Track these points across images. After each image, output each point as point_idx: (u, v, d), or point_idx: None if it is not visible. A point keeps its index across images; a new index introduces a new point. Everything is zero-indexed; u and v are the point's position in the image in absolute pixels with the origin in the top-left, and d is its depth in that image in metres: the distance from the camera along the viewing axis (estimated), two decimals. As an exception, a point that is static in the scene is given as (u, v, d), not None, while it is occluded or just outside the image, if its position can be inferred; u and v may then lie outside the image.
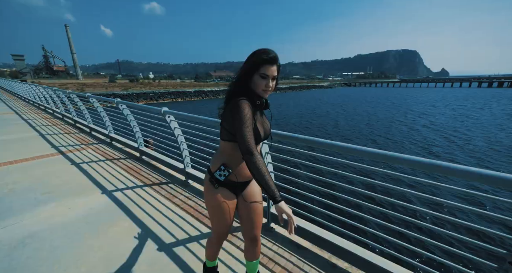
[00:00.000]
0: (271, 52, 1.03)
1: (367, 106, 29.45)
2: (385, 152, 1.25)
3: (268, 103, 1.14)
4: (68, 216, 2.15)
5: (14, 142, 4.47)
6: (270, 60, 1.03)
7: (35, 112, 8.03)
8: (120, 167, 3.35)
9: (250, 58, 1.05)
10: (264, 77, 1.04)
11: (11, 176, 2.98)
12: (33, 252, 1.71)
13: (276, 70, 1.06)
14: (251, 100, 1.05)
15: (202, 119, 2.23)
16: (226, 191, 1.14)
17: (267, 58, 1.02)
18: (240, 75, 1.07)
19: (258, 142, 1.09)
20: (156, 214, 2.21)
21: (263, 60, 1.02)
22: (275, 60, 1.04)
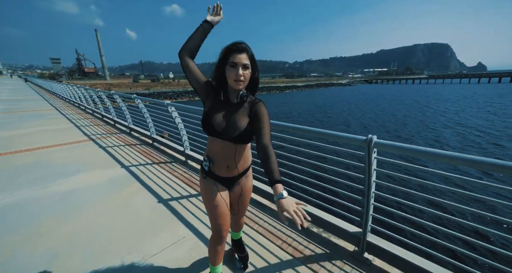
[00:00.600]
0: (240, 42, 1.05)
1: (384, 103, 28.51)
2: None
3: (243, 97, 1.10)
4: (98, 180, 2.92)
5: (58, 131, 5.51)
6: (237, 49, 1.03)
7: (70, 108, 9.34)
8: (135, 150, 4.13)
9: (221, 52, 1.06)
10: (233, 66, 1.03)
11: (60, 153, 3.89)
12: (77, 199, 2.47)
13: (245, 59, 1.04)
14: (217, 92, 1.11)
15: (199, 109, 2.87)
16: (213, 182, 1.19)
17: (234, 47, 1.03)
18: (214, 69, 1.10)
19: (213, 135, 1.11)
20: (159, 181, 2.91)
21: (230, 49, 1.03)
22: (243, 49, 1.04)
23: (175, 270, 1.58)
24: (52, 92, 16.72)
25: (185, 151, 3.54)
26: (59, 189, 2.69)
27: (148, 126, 4.47)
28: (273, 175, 0.90)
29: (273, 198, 0.87)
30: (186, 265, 1.61)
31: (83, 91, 8.94)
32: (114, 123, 6.45)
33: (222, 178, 1.19)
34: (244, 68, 1.04)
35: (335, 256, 1.68)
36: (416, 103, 28.00)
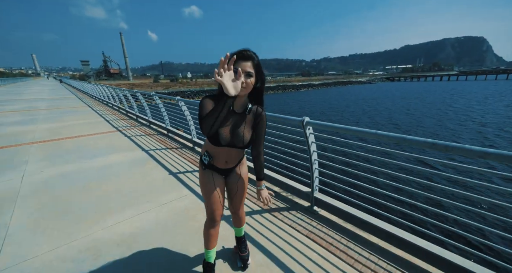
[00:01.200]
0: (246, 49, 1.06)
1: (398, 102, 27.60)
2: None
3: (250, 111, 1.16)
4: (124, 159, 3.72)
5: (91, 124, 6.55)
6: (243, 56, 1.05)
7: (99, 106, 10.62)
8: (153, 138, 4.94)
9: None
10: (237, 72, 1.00)
11: (94, 140, 4.81)
12: (110, 170, 3.27)
13: (250, 67, 1.06)
14: (220, 98, 1.00)
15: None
16: (212, 172, 1.30)
17: (240, 55, 1.04)
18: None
19: (218, 145, 1.16)
20: (171, 161, 3.64)
21: (234, 54, 1.01)
22: (249, 57, 1.06)
23: (178, 213, 2.25)
24: (83, 91, 18.63)
25: (193, 139, 4.26)
26: (97, 164, 3.52)
27: (164, 119, 5.27)
28: (260, 174, 1.39)
29: (256, 187, 1.42)
30: (185, 211, 2.28)
31: (111, 90, 10.13)
32: (136, 117, 7.41)
33: (220, 169, 1.32)
34: (248, 75, 1.06)
35: (294, 208, 2.26)
36: (438, 102, 26.77)
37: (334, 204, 2.07)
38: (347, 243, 1.82)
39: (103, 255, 1.72)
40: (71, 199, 2.51)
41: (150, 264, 1.63)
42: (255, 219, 2.12)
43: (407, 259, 1.62)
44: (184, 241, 1.86)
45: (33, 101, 12.58)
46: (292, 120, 2.06)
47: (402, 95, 36.40)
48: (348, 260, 1.65)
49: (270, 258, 1.66)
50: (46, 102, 12.11)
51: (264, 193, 1.39)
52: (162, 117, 5.33)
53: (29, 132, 5.51)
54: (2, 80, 33.04)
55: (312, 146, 2.02)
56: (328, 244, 1.81)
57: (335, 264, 1.62)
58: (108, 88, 10.53)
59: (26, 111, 8.80)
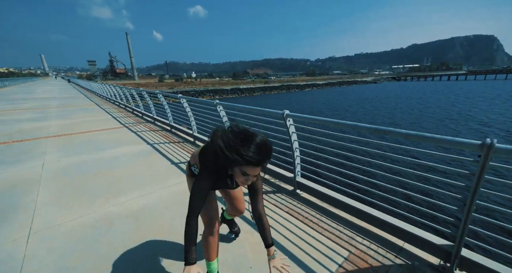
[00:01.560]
0: (263, 152, 0.93)
1: (402, 102, 27.54)
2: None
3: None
4: (131, 151, 4.09)
5: (100, 120, 6.99)
6: (257, 163, 0.94)
7: (107, 104, 11.11)
8: (157, 134, 5.32)
9: (237, 149, 0.90)
10: (245, 175, 0.97)
11: (103, 135, 5.21)
12: (119, 161, 3.64)
13: (259, 169, 0.99)
14: (222, 177, 1.07)
15: (206, 101, 3.86)
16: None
17: (255, 162, 0.93)
18: (221, 152, 0.92)
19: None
20: (173, 153, 4.00)
21: (249, 162, 0.92)
22: (264, 162, 0.96)
23: (178, 194, 2.60)
24: (91, 90, 19.27)
25: (194, 134, 4.61)
26: (106, 155, 3.90)
27: (168, 116, 5.65)
28: (268, 241, 1.18)
29: (267, 257, 1.18)
30: (184, 193, 2.63)
31: (118, 89, 10.60)
32: (142, 115, 7.83)
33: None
34: (255, 176, 1.02)
35: (279, 191, 2.60)
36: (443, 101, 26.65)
37: (313, 187, 2.39)
38: (320, 217, 2.14)
39: (116, 224, 2.08)
40: (86, 183, 2.89)
41: (155, 231, 1.98)
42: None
43: (366, 227, 1.95)
44: (183, 215, 2.21)
45: (45, 100, 13.17)
46: (274, 113, 2.36)
47: (407, 95, 36.26)
48: (319, 230, 1.97)
49: (254, 228, 1.99)
50: (57, 100, 12.68)
51: (277, 261, 1.16)
52: (166, 114, 5.70)
53: (43, 127, 5.96)
54: (13, 80, 34.18)
55: (293, 136, 2.30)
56: (304, 218, 2.14)
57: (308, 233, 1.94)
58: (115, 87, 11.01)
59: (39, 109, 9.32)
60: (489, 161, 1.24)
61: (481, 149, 1.23)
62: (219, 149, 0.92)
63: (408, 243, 1.72)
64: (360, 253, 1.70)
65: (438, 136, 1.36)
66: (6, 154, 3.93)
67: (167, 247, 1.80)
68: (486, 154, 1.23)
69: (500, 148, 1.20)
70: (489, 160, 1.23)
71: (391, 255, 1.67)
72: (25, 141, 4.76)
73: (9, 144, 4.51)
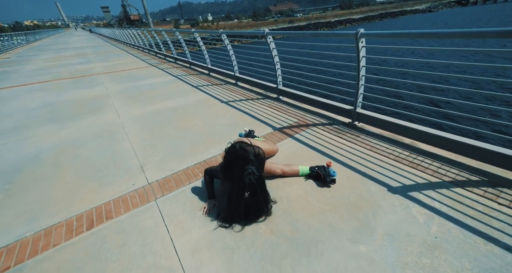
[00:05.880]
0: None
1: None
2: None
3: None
4: (162, 80, 5.37)
5: (131, 62, 8.25)
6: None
7: (132, 49, 12.19)
8: (173, 67, 6.45)
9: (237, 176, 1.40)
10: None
11: (137, 72, 6.52)
12: (153, 86, 4.98)
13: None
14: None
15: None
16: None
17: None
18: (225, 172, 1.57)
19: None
20: (219, 96, 5.18)
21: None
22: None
23: (197, 102, 3.89)
24: (114, 39, 20.17)
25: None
26: (145, 83, 5.22)
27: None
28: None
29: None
30: (201, 101, 3.90)
31: (139, 32, 11.36)
32: (164, 57, 8.86)
33: None
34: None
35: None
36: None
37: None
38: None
39: (162, 112, 3.48)
40: (137, 96, 4.30)
41: (187, 120, 3.33)
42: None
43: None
44: (200, 110, 3.52)
45: (79, 48, 14.65)
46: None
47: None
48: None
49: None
50: (90, 49, 14.07)
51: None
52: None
53: (92, 68, 7.45)
54: (43, 33, 35.94)
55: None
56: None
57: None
58: (137, 30, 11.77)
59: (80, 56, 10.84)
60: (359, 43, 2.08)
61: (356, 36, 2.07)
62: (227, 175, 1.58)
63: (329, 111, 2.81)
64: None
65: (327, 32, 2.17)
66: (79, 84, 5.51)
67: (189, 125, 3.17)
68: (357, 38, 2.08)
69: (364, 33, 2.03)
70: (360, 43, 2.08)
71: (324, 120, 2.80)
72: (86, 76, 6.30)
73: (76, 79, 6.08)
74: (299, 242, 1.35)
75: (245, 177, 1.36)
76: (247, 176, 1.36)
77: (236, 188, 1.42)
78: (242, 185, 1.37)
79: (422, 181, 1.67)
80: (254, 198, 1.41)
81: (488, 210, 1.38)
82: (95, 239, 1.50)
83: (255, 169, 1.41)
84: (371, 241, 1.30)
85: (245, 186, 1.36)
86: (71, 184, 2.04)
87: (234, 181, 1.44)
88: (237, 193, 1.41)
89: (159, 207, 1.71)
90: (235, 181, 1.42)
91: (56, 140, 2.84)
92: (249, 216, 1.48)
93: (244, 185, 1.36)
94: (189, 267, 1.27)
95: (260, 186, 1.43)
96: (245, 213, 1.46)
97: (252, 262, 1.26)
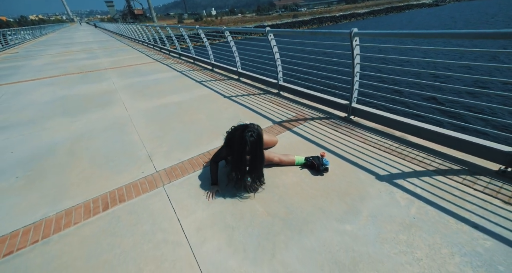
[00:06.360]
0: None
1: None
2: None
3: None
4: (167, 75, 5.52)
5: (135, 58, 8.40)
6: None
7: (137, 45, 12.31)
8: (177, 62, 6.58)
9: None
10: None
11: (143, 67, 6.68)
12: (159, 81, 5.14)
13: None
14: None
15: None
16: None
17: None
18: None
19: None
20: (221, 90, 5.32)
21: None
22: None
23: (201, 96, 4.04)
24: (118, 33, 20.30)
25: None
26: (150, 78, 5.38)
27: (190, 49, 6.69)
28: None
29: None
30: (204, 96, 4.04)
31: (144, 28, 11.47)
32: (169, 52, 8.98)
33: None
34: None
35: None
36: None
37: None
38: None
39: (167, 106, 3.64)
40: (143, 91, 4.47)
41: (192, 114, 3.49)
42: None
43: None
44: (203, 104, 3.67)
45: (86, 43, 14.84)
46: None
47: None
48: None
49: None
50: (95, 44, 14.25)
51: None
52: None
53: (99, 63, 7.63)
54: (49, 27, 36.23)
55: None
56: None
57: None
58: (142, 26, 11.86)
59: (87, 51, 11.03)
60: (353, 41, 2.22)
61: (350, 35, 2.20)
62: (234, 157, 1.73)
63: (326, 106, 2.95)
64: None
65: (324, 30, 2.31)
66: (87, 79, 5.70)
67: (193, 118, 3.33)
68: (351, 37, 2.21)
69: (358, 32, 2.18)
70: (354, 41, 2.21)
71: (321, 115, 2.94)
72: (93, 71, 6.48)
73: (84, 74, 6.27)
74: (292, 222, 1.51)
75: (245, 135, 1.55)
76: (248, 134, 1.56)
77: (238, 149, 1.60)
78: (244, 142, 1.55)
79: (408, 170, 1.81)
80: (254, 155, 1.62)
81: (464, 195, 1.51)
82: (111, 218, 1.68)
83: (255, 130, 1.60)
84: (356, 221, 1.45)
85: (246, 142, 1.55)
86: (86, 171, 2.23)
87: (235, 144, 1.63)
88: (239, 151, 1.60)
89: (166, 192, 1.88)
90: (237, 143, 1.61)
91: (69, 132, 3.03)
92: (250, 173, 1.69)
93: (245, 142, 1.54)
94: (194, 242, 1.44)
95: (259, 145, 1.61)
96: (248, 171, 1.68)
97: (250, 238, 1.43)
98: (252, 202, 1.69)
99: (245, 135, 1.56)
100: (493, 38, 1.43)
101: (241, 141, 1.57)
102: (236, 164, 1.67)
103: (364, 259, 1.23)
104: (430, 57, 11.62)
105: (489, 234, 1.26)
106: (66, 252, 1.45)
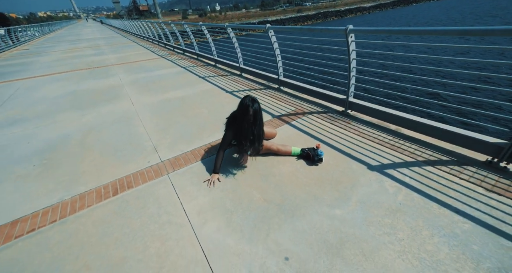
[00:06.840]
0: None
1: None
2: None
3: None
4: (171, 71, 5.65)
5: (141, 54, 8.55)
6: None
7: (142, 41, 12.47)
8: (181, 58, 6.69)
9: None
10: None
11: (148, 63, 6.83)
12: (163, 77, 5.27)
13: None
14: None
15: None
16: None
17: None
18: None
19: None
20: (223, 86, 5.42)
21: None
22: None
23: (204, 91, 4.15)
24: (124, 30, 20.51)
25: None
26: (155, 74, 5.52)
27: (193, 45, 6.79)
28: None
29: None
30: (207, 91, 4.16)
31: (149, 25, 11.60)
32: (173, 48, 9.10)
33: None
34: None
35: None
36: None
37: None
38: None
39: (171, 101, 3.78)
40: (148, 86, 4.62)
41: (195, 108, 3.62)
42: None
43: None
44: (206, 98, 3.79)
45: (92, 40, 15.09)
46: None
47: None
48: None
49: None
50: (102, 40, 14.48)
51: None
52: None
53: (106, 59, 7.82)
54: (57, 24, 36.79)
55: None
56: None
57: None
58: (147, 22, 11.99)
59: (94, 47, 11.25)
60: (349, 38, 2.30)
61: (345, 32, 2.29)
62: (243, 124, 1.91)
63: (324, 100, 3.02)
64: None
65: (321, 27, 2.41)
66: (95, 74, 5.88)
67: (196, 112, 3.45)
68: (346, 34, 2.30)
69: (353, 29, 2.27)
70: (349, 37, 2.29)
71: (320, 109, 3.02)
72: (100, 67, 6.67)
73: (92, 69, 6.46)
74: (286, 208, 1.62)
75: (248, 106, 1.78)
76: (250, 104, 1.79)
77: (241, 115, 1.83)
78: (245, 106, 1.79)
79: (398, 160, 1.90)
80: (256, 125, 1.87)
81: (450, 183, 1.60)
82: (120, 202, 1.83)
83: (252, 97, 1.86)
84: (346, 207, 1.56)
85: (247, 104, 1.78)
86: (96, 161, 2.39)
87: (238, 114, 1.86)
88: (243, 122, 1.84)
89: (171, 180, 2.02)
90: (239, 112, 1.84)
91: (80, 124, 3.20)
92: (254, 142, 1.93)
93: (246, 105, 1.78)
94: (196, 223, 1.58)
95: (259, 115, 1.87)
96: (251, 140, 1.91)
97: (247, 221, 1.56)
98: (250, 189, 1.82)
99: (245, 101, 1.81)
100: (474, 35, 1.50)
101: (242, 107, 1.81)
102: (241, 133, 1.89)
103: (351, 239, 1.34)
104: (422, 53, 11.98)
105: (468, 218, 1.34)
106: (82, 230, 1.60)
